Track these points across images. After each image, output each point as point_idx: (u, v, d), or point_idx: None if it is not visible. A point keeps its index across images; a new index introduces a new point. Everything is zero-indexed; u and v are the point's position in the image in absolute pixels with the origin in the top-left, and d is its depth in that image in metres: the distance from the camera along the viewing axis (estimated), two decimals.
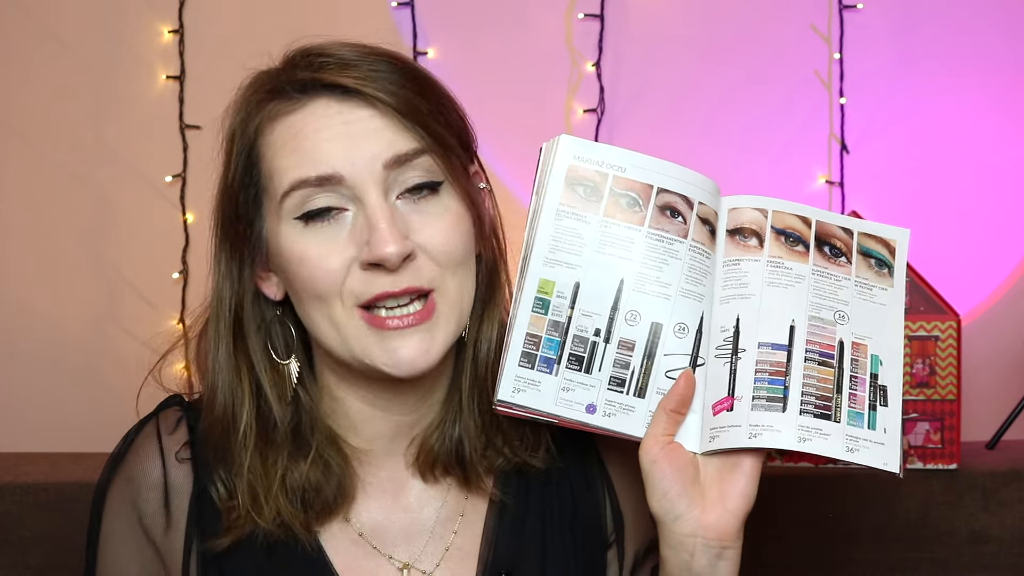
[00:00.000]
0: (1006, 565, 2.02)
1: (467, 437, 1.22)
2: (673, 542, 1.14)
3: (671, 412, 1.14)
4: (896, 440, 1.13)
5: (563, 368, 1.14)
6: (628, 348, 1.14)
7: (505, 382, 1.14)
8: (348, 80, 1.14)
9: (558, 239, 1.15)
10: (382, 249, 1.10)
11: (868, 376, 1.14)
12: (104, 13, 2.34)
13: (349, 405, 1.21)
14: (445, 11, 2.37)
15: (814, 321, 1.14)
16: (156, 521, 1.19)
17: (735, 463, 1.13)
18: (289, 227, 1.14)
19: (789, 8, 2.39)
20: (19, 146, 2.34)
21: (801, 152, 2.40)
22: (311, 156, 1.13)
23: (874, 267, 1.18)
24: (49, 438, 2.26)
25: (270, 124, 1.16)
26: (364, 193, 1.12)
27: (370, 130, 1.14)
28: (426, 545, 1.21)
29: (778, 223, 1.17)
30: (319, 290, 1.13)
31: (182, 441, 1.20)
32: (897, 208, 2.35)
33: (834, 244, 1.18)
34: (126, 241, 2.36)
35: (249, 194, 1.17)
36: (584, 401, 1.14)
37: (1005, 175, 2.38)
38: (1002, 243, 2.38)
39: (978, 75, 2.37)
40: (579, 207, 1.15)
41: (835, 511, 1.99)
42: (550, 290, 1.14)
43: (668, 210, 1.16)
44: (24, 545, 1.97)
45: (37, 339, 2.35)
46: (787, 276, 1.15)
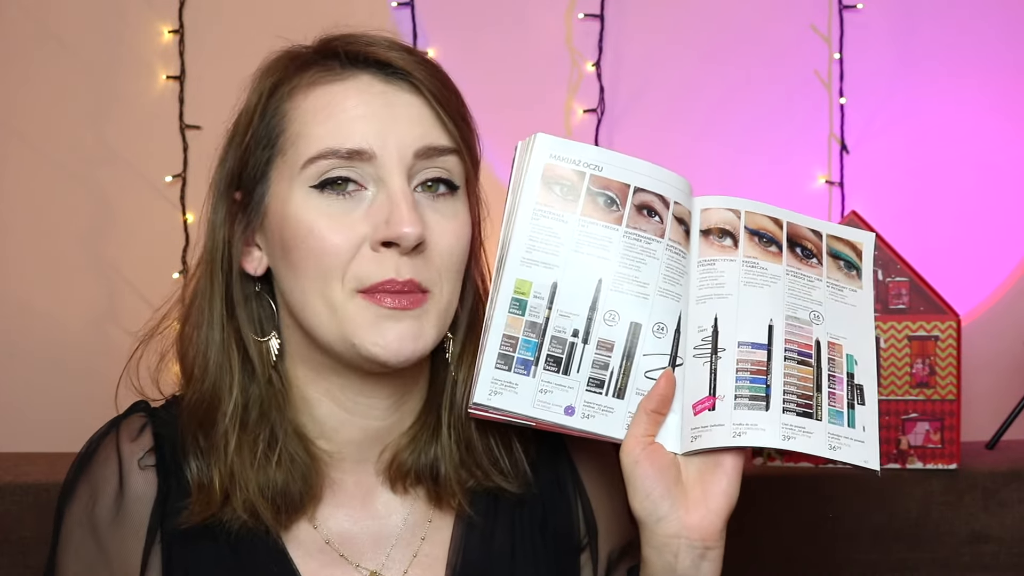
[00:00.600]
0: (1006, 565, 2.02)
1: (442, 459, 1.20)
2: (656, 543, 1.13)
3: (651, 412, 1.13)
4: (874, 438, 1.14)
5: (540, 370, 1.12)
6: (607, 348, 1.13)
7: (481, 385, 1.11)
8: (400, 60, 1.14)
9: (535, 239, 1.13)
10: (402, 228, 1.09)
11: (845, 375, 1.15)
12: (104, 13, 2.35)
13: (319, 407, 1.19)
14: (445, 11, 2.37)
15: (791, 321, 1.14)
16: (110, 527, 1.17)
17: (716, 463, 1.13)
18: (303, 194, 1.12)
19: (789, 8, 2.39)
20: (19, 146, 2.34)
21: (801, 152, 2.40)
22: (346, 128, 1.12)
23: (843, 269, 1.19)
24: (49, 438, 2.27)
25: (306, 90, 1.15)
26: (389, 175, 1.12)
27: (410, 115, 1.14)
28: (392, 551, 1.19)
29: (751, 223, 1.17)
30: (322, 265, 1.11)
31: (146, 448, 1.18)
32: (897, 208, 2.35)
33: (805, 245, 1.18)
34: (126, 241, 2.36)
35: (261, 158, 1.15)
36: (562, 403, 1.13)
37: (1005, 175, 2.38)
38: (1002, 243, 2.38)
39: (978, 75, 2.37)
40: (556, 206, 1.14)
41: (835, 511, 1.99)
42: (527, 290, 1.13)
43: (645, 209, 1.15)
44: (24, 545, 1.97)
45: (37, 339, 2.35)
46: (763, 276, 1.15)
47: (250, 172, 1.16)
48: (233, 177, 1.18)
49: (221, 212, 1.19)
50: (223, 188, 1.19)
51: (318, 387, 1.19)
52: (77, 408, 2.30)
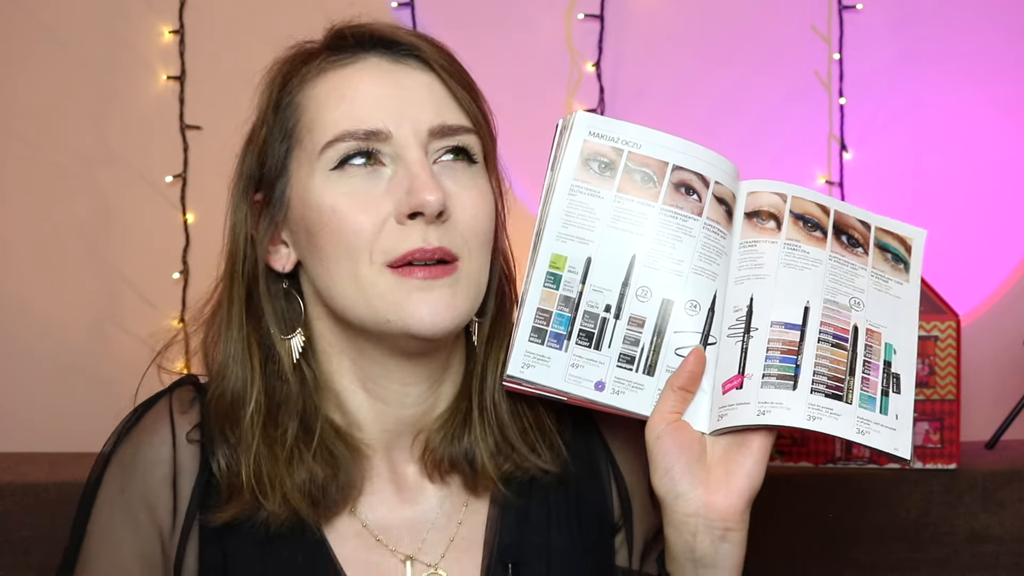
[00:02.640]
0: (1006, 565, 2.02)
1: (477, 446, 1.20)
2: (675, 522, 1.13)
3: (679, 390, 1.12)
4: (908, 427, 1.11)
5: (573, 344, 1.13)
6: (638, 324, 1.13)
7: (515, 357, 1.13)
8: (407, 38, 1.16)
9: (571, 214, 1.14)
10: (423, 195, 1.10)
11: (881, 363, 1.13)
12: (104, 13, 2.35)
13: (351, 399, 1.20)
14: (445, 11, 2.37)
15: (829, 304, 1.13)
16: (161, 499, 1.17)
17: (742, 442, 1.12)
18: (323, 178, 1.13)
19: (789, 8, 2.39)
20: (19, 146, 2.35)
21: (801, 152, 2.40)
22: (360, 110, 1.13)
23: (890, 261, 1.17)
24: (49, 438, 2.26)
25: (316, 77, 1.16)
26: (406, 150, 1.12)
27: (422, 95, 1.15)
28: (429, 536, 1.20)
29: (797, 208, 1.16)
30: (349, 243, 1.11)
31: (194, 422, 1.19)
32: (897, 208, 2.34)
33: (851, 234, 1.17)
34: (126, 241, 2.36)
35: (280, 151, 1.16)
36: (593, 378, 1.13)
37: (1005, 175, 2.38)
38: (1002, 243, 2.39)
39: (978, 75, 2.38)
40: (593, 182, 1.15)
41: (835, 511, 1.99)
42: (562, 265, 1.14)
43: (683, 187, 1.15)
44: (24, 545, 1.97)
45: (37, 339, 2.35)
46: (804, 259, 1.14)
47: (270, 169, 1.17)
48: (251, 178, 1.19)
49: (241, 214, 1.19)
50: (241, 191, 1.19)
51: (351, 378, 1.19)
52: (77, 408, 2.31)
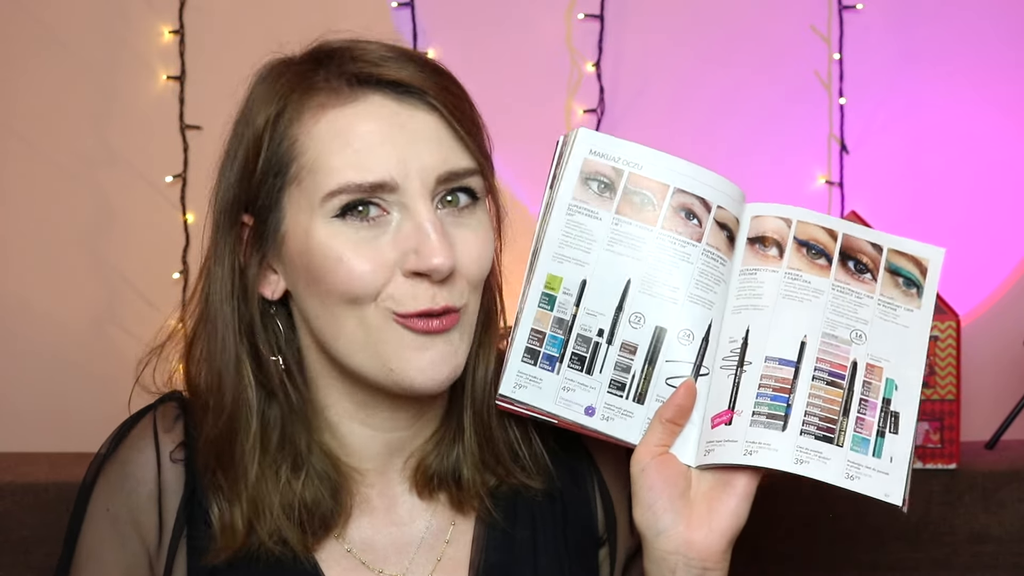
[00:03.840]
0: (1006, 565, 2.02)
1: (464, 460, 1.19)
2: (655, 557, 1.11)
3: (667, 422, 1.11)
4: (902, 470, 1.08)
5: (565, 367, 1.12)
6: (630, 351, 1.11)
7: (507, 377, 1.12)
8: (412, 78, 1.11)
9: (568, 234, 1.12)
10: (432, 260, 1.07)
11: (880, 400, 1.09)
12: (104, 13, 2.34)
13: (341, 427, 1.18)
14: (445, 11, 2.37)
15: (828, 339, 1.09)
16: (148, 517, 1.16)
17: (727, 481, 1.10)
18: (326, 225, 1.09)
19: (789, 8, 2.39)
20: (19, 146, 2.34)
21: (801, 152, 2.40)
22: (365, 158, 1.08)
23: (901, 286, 1.13)
24: (49, 438, 2.26)
25: (316, 114, 1.10)
26: (413, 201, 1.09)
27: (428, 138, 1.10)
28: (416, 556, 1.19)
29: (801, 234, 1.12)
30: (355, 293, 1.09)
31: (178, 441, 1.18)
32: (897, 208, 2.35)
33: (860, 259, 1.13)
34: (126, 241, 2.36)
35: (274, 186, 1.12)
36: (583, 403, 1.12)
37: (1005, 175, 2.38)
38: (1002, 243, 2.38)
39: (978, 75, 2.37)
40: (592, 203, 1.13)
41: (835, 511, 1.99)
42: (557, 286, 1.12)
43: (683, 211, 1.12)
44: (24, 545, 1.97)
45: (37, 339, 2.35)
46: (804, 289, 1.11)
47: (263, 200, 1.13)
48: (239, 203, 1.15)
49: (230, 239, 1.15)
50: (229, 212, 1.15)
51: (341, 406, 1.18)
52: (77, 408, 2.31)
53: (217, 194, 1.17)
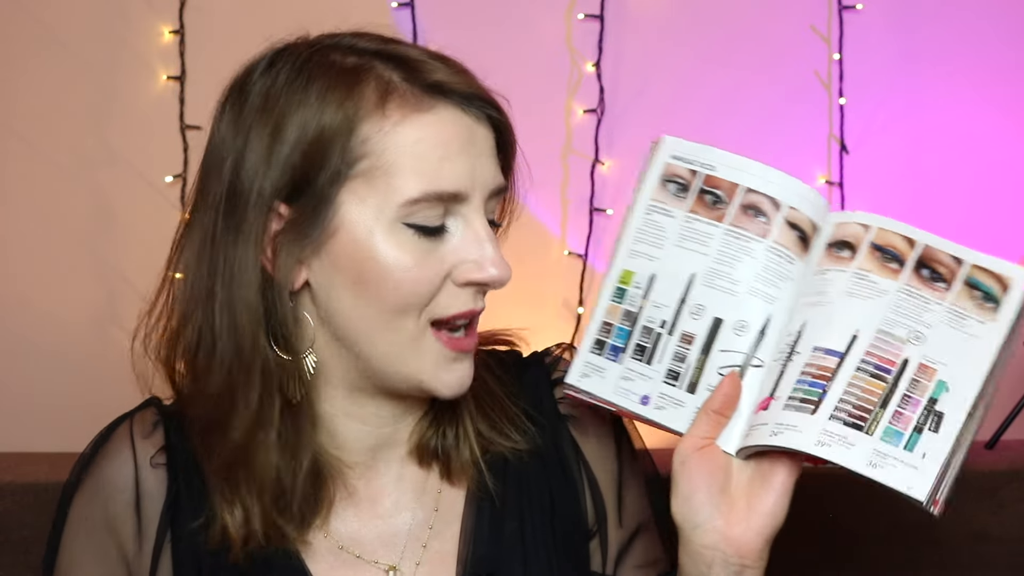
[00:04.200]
0: (1006, 565, 2.02)
1: (463, 439, 1.21)
2: (691, 551, 1.10)
3: (713, 413, 1.10)
4: (933, 468, 1.06)
5: (628, 357, 1.15)
6: (687, 341, 1.14)
7: (576, 366, 1.16)
8: (485, 93, 1.14)
9: (643, 232, 1.17)
10: (492, 271, 1.11)
11: (925, 399, 1.07)
12: (104, 13, 2.35)
13: (335, 422, 1.18)
14: (445, 11, 2.37)
15: (882, 335, 1.09)
16: (125, 525, 1.16)
17: (765, 477, 1.10)
18: (397, 230, 1.09)
19: (789, 8, 2.39)
20: (19, 146, 2.35)
21: (801, 152, 2.40)
22: (444, 169, 1.09)
23: (978, 299, 1.10)
24: (49, 437, 2.26)
25: (393, 118, 1.09)
26: (474, 213, 1.12)
27: (489, 153, 1.14)
28: (405, 548, 1.19)
29: (879, 239, 1.13)
30: (409, 300, 1.09)
31: (158, 446, 1.17)
32: (897, 208, 2.35)
33: (935, 268, 1.11)
34: (126, 241, 2.36)
35: (333, 179, 1.08)
36: (640, 392, 1.15)
37: (1005, 175, 2.38)
38: (1002, 243, 2.38)
39: (978, 75, 2.38)
40: (668, 202, 1.17)
41: (835, 511, 1.99)
42: (629, 280, 1.17)
43: (751, 209, 1.14)
44: (24, 545, 1.97)
45: (37, 339, 2.35)
46: (869, 289, 1.11)
47: (314, 192, 1.09)
48: (272, 191, 1.10)
49: (255, 227, 1.10)
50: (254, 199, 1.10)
51: (334, 403, 1.17)
52: (77, 408, 2.30)
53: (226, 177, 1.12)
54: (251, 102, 1.14)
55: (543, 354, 1.30)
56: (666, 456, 1.15)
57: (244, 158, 1.11)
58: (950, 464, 1.07)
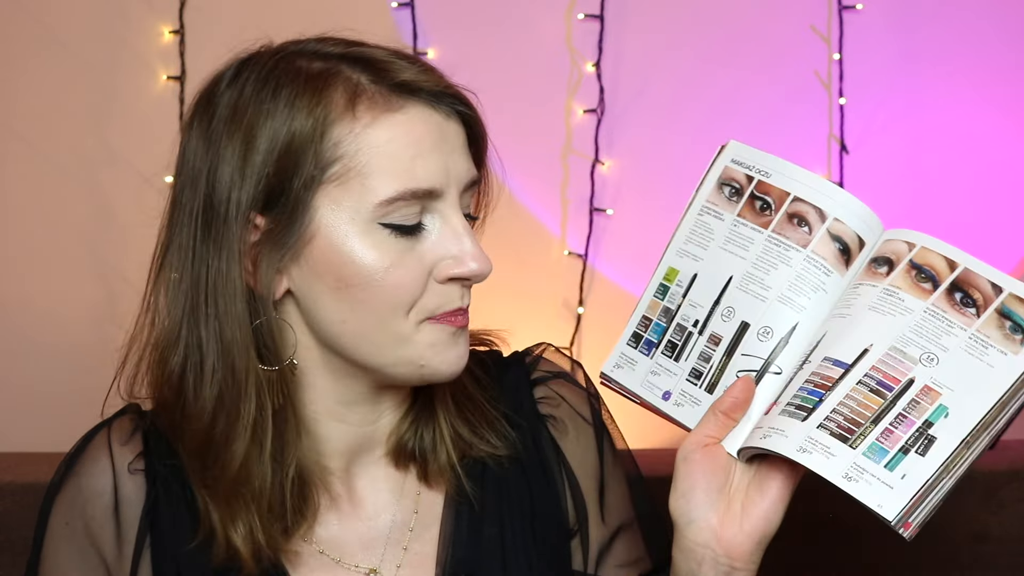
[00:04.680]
0: (1006, 565, 2.02)
1: (439, 440, 1.21)
2: (684, 547, 1.11)
3: (720, 414, 1.11)
4: (910, 490, 1.06)
5: (659, 353, 1.18)
6: (715, 342, 1.16)
7: (612, 357, 1.20)
8: (454, 90, 1.14)
9: (694, 232, 1.19)
10: (472, 266, 1.11)
11: (920, 421, 1.06)
12: (104, 13, 2.35)
13: (318, 425, 1.18)
14: (445, 11, 2.37)
15: (894, 352, 1.08)
16: (104, 530, 1.16)
17: (763, 482, 1.11)
18: (374, 231, 1.09)
19: (789, 8, 2.39)
20: (19, 146, 2.35)
21: (801, 152, 2.40)
22: (418, 167, 1.09)
23: (1006, 329, 1.08)
24: (49, 438, 2.26)
25: (363, 120, 1.09)
26: (450, 209, 1.11)
27: (461, 147, 1.14)
28: (385, 551, 1.19)
29: (920, 258, 1.12)
30: (395, 301, 1.09)
31: (136, 452, 1.18)
32: (897, 208, 2.35)
33: (970, 294, 1.10)
34: (126, 241, 2.36)
35: (306, 185, 1.08)
36: (664, 387, 1.17)
37: (1005, 175, 2.38)
38: (1002, 243, 2.39)
39: (978, 75, 2.38)
40: (720, 205, 1.19)
41: (835, 511, 1.98)
42: (673, 278, 1.19)
43: (796, 218, 1.16)
44: (25, 545, 1.96)
45: (37, 339, 2.35)
46: (895, 306, 1.10)
47: (287, 200, 1.09)
48: (248, 203, 1.10)
49: (234, 240, 1.11)
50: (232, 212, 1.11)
51: (319, 407, 1.18)
52: (77, 408, 2.30)
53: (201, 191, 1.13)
54: (219, 114, 1.14)
55: (523, 354, 1.31)
56: (668, 456, 1.15)
57: (217, 171, 1.12)
58: (933, 489, 1.07)
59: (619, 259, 2.45)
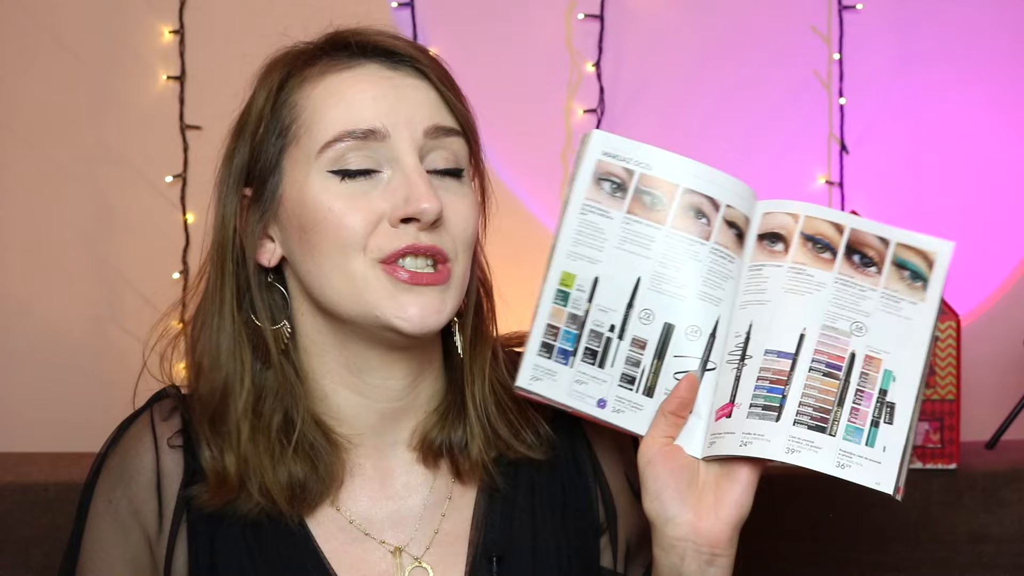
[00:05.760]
0: (1006, 565, 2.02)
1: (470, 438, 1.23)
2: (664, 544, 1.14)
3: (669, 414, 1.14)
4: (895, 460, 1.09)
5: (578, 361, 1.16)
6: (640, 346, 1.15)
7: (524, 369, 1.17)
8: (405, 48, 1.20)
9: (581, 233, 1.17)
10: (421, 204, 1.13)
11: (876, 391, 1.10)
12: (104, 13, 2.35)
13: (335, 396, 1.22)
14: (445, 11, 2.37)
15: (827, 331, 1.11)
16: (146, 505, 1.20)
17: (730, 471, 1.13)
18: (322, 178, 1.16)
19: (789, 8, 2.39)
20: (19, 146, 2.35)
21: (801, 152, 2.40)
22: (358, 110, 1.16)
23: (907, 279, 1.13)
24: (49, 438, 2.26)
25: (316, 80, 1.18)
26: (403, 153, 1.16)
27: (418, 97, 1.18)
28: (415, 531, 1.22)
29: (808, 228, 1.14)
30: (343, 240, 1.14)
31: (175, 428, 1.22)
32: (897, 208, 2.35)
33: (865, 253, 1.14)
34: (126, 241, 2.36)
35: (274, 149, 1.18)
36: (596, 395, 1.16)
37: (1005, 175, 2.38)
38: (1002, 243, 2.38)
39: (978, 75, 2.37)
40: (604, 203, 1.16)
41: (835, 511, 1.99)
42: (571, 283, 1.16)
43: (693, 211, 1.15)
44: (24, 545, 1.97)
45: (37, 339, 2.35)
46: (807, 283, 1.13)
47: (263, 165, 1.19)
48: (242, 173, 1.21)
49: (231, 208, 1.21)
50: (232, 184, 1.21)
51: (334, 374, 1.21)
52: (77, 408, 2.31)
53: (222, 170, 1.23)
54: None
55: None
56: None
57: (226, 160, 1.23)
58: (907, 448, 1.10)
59: None
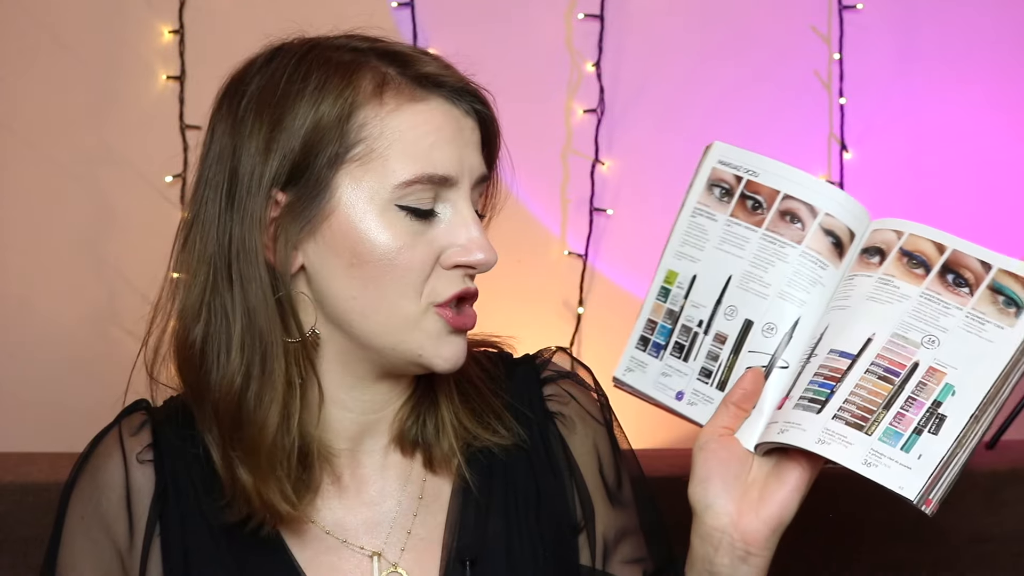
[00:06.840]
0: (1006, 565, 2.02)
1: (442, 426, 1.24)
2: (701, 532, 1.15)
3: (731, 405, 1.15)
4: (927, 469, 1.09)
5: (667, 354, 1.21)
6: (720, 341, 1.19)
7: (622, 361, 1.23)
8: (473, 88, 1.20)
9: (688, 234, 1.23)
10: (478, 255, 1.15)
11: (929, 401, 1.09)
12: (104, 13, 2.35)
13: (326, 408, 1.21)
14: (445, 11, 2.37)
15: (896, 338, 1.11)
16: (117, 521, 1.20)
17: (779, 472, 1.14)
18: (391, 212, 1.14)
19: (789, 8, 2.39)
20: (19, 146, 2.35)
21: (801, 152, 2.40)
22: (438, 155, 1.15)
23: (1000, 303, 1.12)
24: (49, 438, 2.27)
25: (388, 107, 1.15)
26: (462, 200, 1.17)
27: (475, 142, 1.20)
28: (389, 536, 1.22)
29: (909, 245, 1.15)
30: (406, 281, 1.14)
31: (145, 443, 1.21)
32: (897, 208, 2.34)
33: (961, 274, 1.13)
34: (126, 241, 2.36)
35: (330, 164, 1.14)
36: (676, 387, 1.20)
37: (1005, 175, 2.38)
38: (1002, 243, 2.38)
39: (978, 75, 2.38)
40: (712, 207, 1.22)
41: (835, 511, 1.99)
42: (673, 280, 1.23)
43: (788, 215, 1.19)
44: (24, 545, 1.97)
45: (37, 339, 2.36)
46: (891, 293, 1.13)
47: (311, 178, 1.14)
48: (278, 177, 1.15)
49: (255, 216, 1.15)
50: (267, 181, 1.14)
51: (326, 390, 1.20)
52: (77, 408, 2.31)
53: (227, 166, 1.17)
54: (250, 94, 1.19)
55: (534, 356, 1.33)
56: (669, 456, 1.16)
57: (243, 147, 1.16)
58: (948, 465, 1.09)
59: (619, 259, 2.45)
